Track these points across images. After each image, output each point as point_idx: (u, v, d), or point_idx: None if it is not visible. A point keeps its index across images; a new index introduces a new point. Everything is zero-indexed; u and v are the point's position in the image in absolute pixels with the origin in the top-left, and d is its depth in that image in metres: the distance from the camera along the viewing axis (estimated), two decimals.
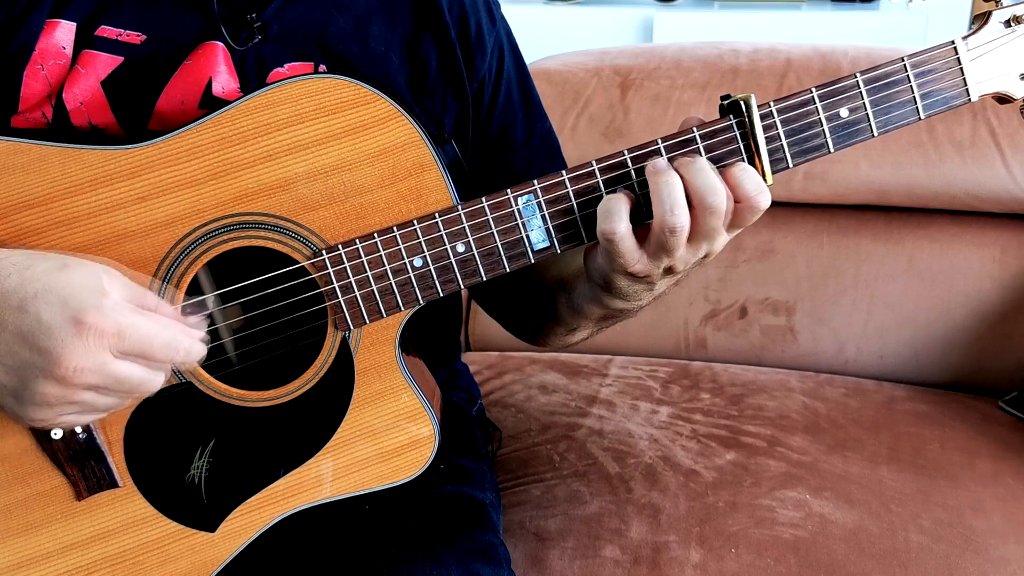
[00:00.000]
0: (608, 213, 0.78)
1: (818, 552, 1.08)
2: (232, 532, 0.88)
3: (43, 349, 0.71)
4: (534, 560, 1.10)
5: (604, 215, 0.78)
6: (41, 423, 0.77)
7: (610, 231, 0.78)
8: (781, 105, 0.81)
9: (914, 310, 1.52)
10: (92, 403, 0.76)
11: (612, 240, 0.78)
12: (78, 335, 0.71)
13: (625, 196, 0.79)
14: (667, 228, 0.77)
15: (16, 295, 0.72)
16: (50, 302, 0.71)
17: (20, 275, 0.72)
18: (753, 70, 1.60)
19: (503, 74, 1.02)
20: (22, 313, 0.71)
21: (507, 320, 1.13)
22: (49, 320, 0.71)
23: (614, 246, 0.79)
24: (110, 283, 0.74)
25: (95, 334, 0.71)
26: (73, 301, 0.71)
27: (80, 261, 0.75)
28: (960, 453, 1.27)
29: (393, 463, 0.89)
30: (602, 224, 0.78)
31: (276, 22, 0.93)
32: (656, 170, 0.79)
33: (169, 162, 0.81)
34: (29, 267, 0.73)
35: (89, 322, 0.71)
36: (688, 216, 0.77)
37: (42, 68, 0.89)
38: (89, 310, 0.71)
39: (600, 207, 0.79)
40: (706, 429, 1.32)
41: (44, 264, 0.73)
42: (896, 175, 1.51)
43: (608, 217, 0.78)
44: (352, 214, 0.83)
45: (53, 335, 0.71)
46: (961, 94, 0.84)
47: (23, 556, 0.84)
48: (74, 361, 0.71)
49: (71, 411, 0.76)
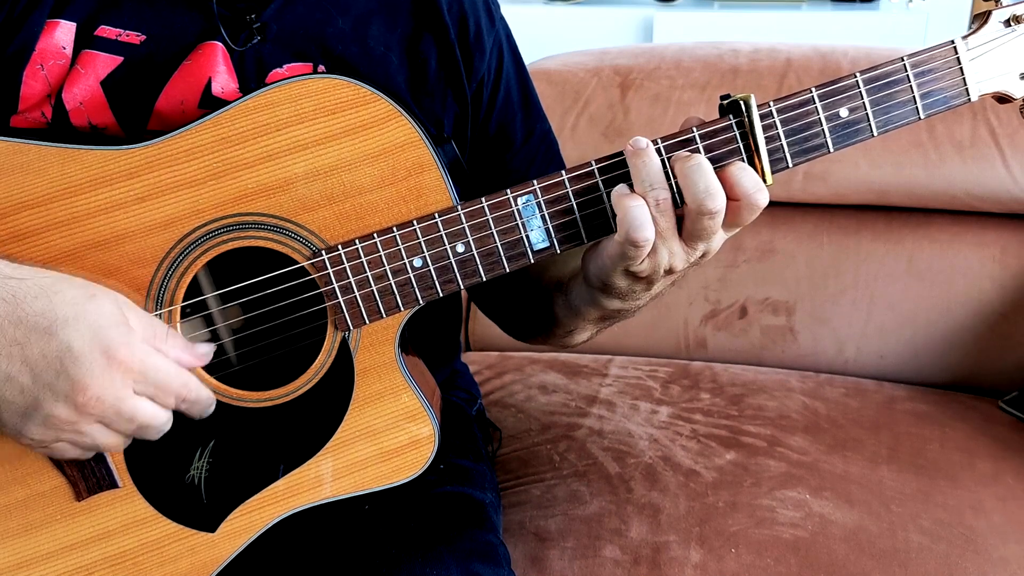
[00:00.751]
0: (639, 221, 0.78)
1: (818, 552, 1.08)
2: (232, 532, 0.88)
3: (69, 374, 0.73)
4: (534, 560, 1.10)
5: (636, 225, 0.78)
6: (36, 443, 0.78)
7: (644, 239, 0.78)
8: (781, 105, 0.81)
9: (914, 310, 1.52)
10: (92, 436, 0.77)
11: (642, 247, 0.79)
12: (107, 367, 0.74)
13: (643, 198, 0.79)
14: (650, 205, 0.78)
15: (44, 318, 0.73)
16: (80, 331, 0.73)
17: (49, 299, 0.74)
18: (753, 70, 1.60)
19: (502, 74, 1.02)
20: (49, 337, 0.73)
21: (505, 322, 1.13)
22: (79, 349, 0.73)
23: (640, 251, 0.79)
24: (131, 318, 0.77)
25: (123, 369, 0.75)
26: (104, 334, 0.74)
27: (105, 291, 0.77)
28: (960, 453, 1.26)
29: (393, 463, 0.89)
30: (634, 233, 0.78)
31: (275, 23, 0.93)
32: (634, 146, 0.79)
33: (168, 162, 0.81)
34: (59, 292, 0.75)
35: (120, 357, 0.74)
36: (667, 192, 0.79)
37: (42, 68, 0.89)
38: (120, 346, 0.74)
39: (627, 215, 0.78)
40: (706, 429, 1.32)
41: (73, 292, 0.75)
42: (896, 175, 1.51)
43: (641, 226, 0.78)
44: (352, 214, 0.83)
45: (81, 364, 0.73)
46: (961, 94, 0.84)
47: (23, 556, 0.84)
48: (97, 391, 0.74)
49: (69, 439, 0.77)
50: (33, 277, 0.75)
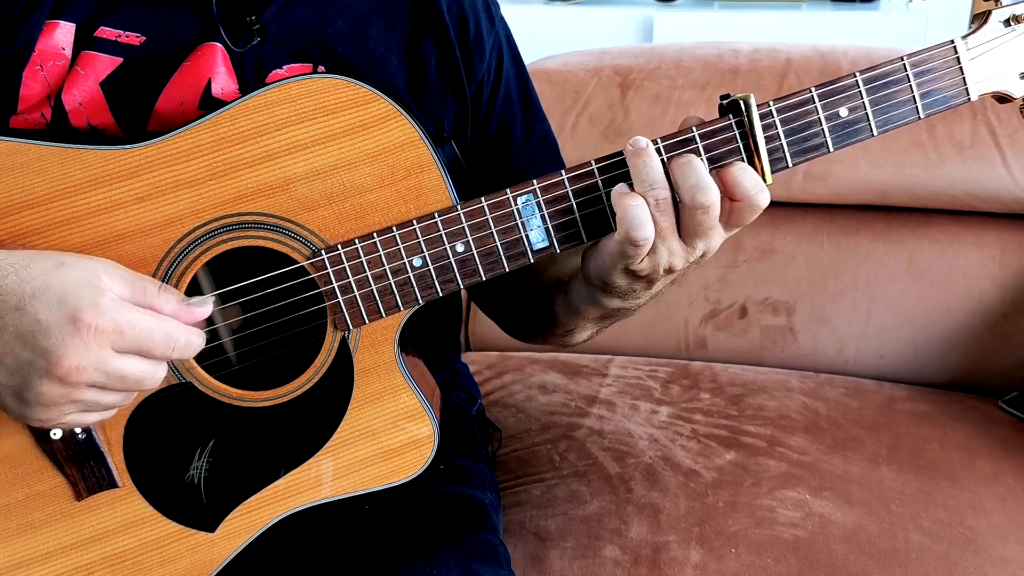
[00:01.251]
0: (639, 221, 0.78)
1: (818, 552, 1.08)
2: (232, 532, 0.88)
3: (42, 349, 0.71)
4: (534, 560, 1.10)
5: (636, 224, 0.78)
6: (45, 423, 0.76)
7: (643, 238, 0.78)
8: (780, 105, 0.81)
9: (914, 310, 1.52)
10: (95, 401, 0.76)
11: (641, 246, 0.79)
12: (76, 333, 0.71)
13: (643, 197, 0.79)
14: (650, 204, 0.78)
15: (14, 295, 0.72)
16: (47, 301, 0.71)
17: (18, 275, 0.73)
18: (753, 70, 1.60)
19: (502, 75, 1.02)
20: (20, 313, 0.71)
21: (505, 321, 1.13)
22: (47, 319, 0.71)
23: (640, 250, 0.79)
24: (108, 279, 0.74)
25: (93, 332, 0.71)
26: (70, 300, 0.71)
27: (78, 258, 0.75)
28: (960, 453, 1.26)
29: (393, 463, 0.89)
30: (634, 232, 0.78)
31: (275, 24, 0.93)
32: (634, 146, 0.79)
33: (168, 162, 0.81)
34: (27, 267, 0.73)
35: (87, 320, 0.71)
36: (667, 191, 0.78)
37: (41, 69, 0.89)
38: (86, 308, 0.71)
39: (626, 214, 0.78)
40: (706, 429, 1.32)
41: (41, 263, 0.74)
42: (896, 175, 1.51)
43: (641, 225, 0.78)
44: (351, 214, 0.83)
45: (51, 334, 0.71)
46: (960, 93, 0.84)
47: (23, 556, 0.84)
48: (74, 360, 0.71)
49: (74, 410, 0.76)
50: (7, 258, 0.74)
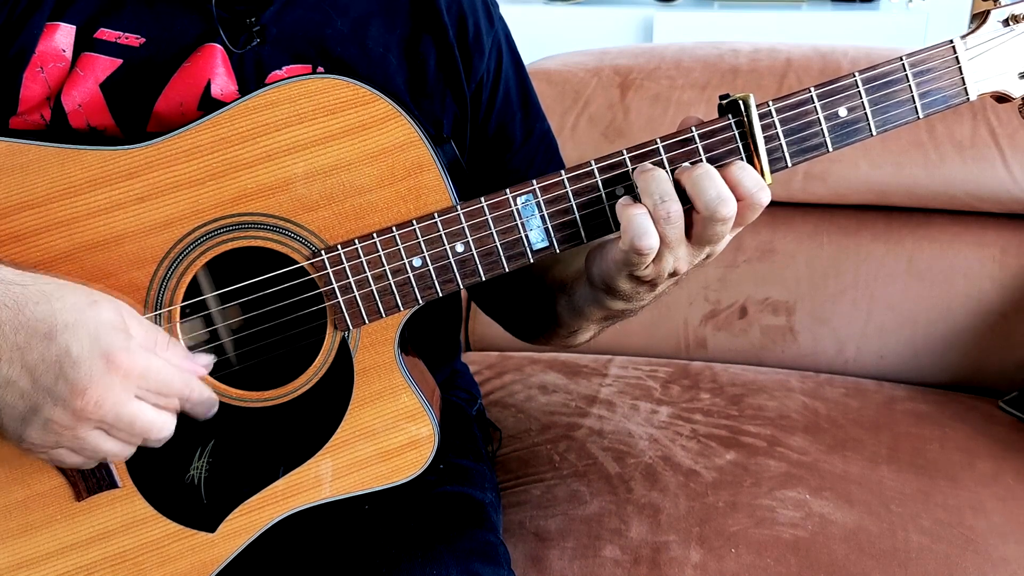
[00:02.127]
0: (644, 231, 0.77)
1: (818, 552, 1.08)
2: (232, 532, 0.88)
3: (69, 379, 0.73)
4: (534, 560, 1.10)
5: (640, 233, 0.77)
6: (34, 448, 0.77)
7: (648, 247, 0.78)
8: (780, 104, 0.81)
9: (914, 310, 1.52)
10: (92, 445, 0.77)
11: (646, 255, 0.78)
12: (107, 372, 0.73)
13: (645, 207, 0.78)
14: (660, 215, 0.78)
15: (45, 323, 0.73)
16: (79, 336, 0.73)
17: (50, 304, 0.74)
18: (753, 70, 1.60)
19: (501, 74, 1.02)
20: (49, 342, 0.73)
21: (507, 322, 1.13)
22: (79, 353, 0.73)
23: (645, 259, 0.79)
24: (133, 324, 0.77)
25: (123, 373, 0.74)
26: (103, 339, 0.74)
27: (106, 298, 0.77)
28: (960, 453, 1.26)
29: (393, 463, 0.89)
30: (639, 241, 0.77)
31: (275, 25, 0.93)
32: (641, 169, 0.79)
33: (168, 163, 0.81)
34: (60, 298, 0.75)
35: (119, 361, 0.74)
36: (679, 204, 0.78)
37: (42, 71, 0.89)
38: (120, 350, 0.74)
39: (630, 224, 0.78)
40: (706, 429, 1.32)
41: (74, 298, 0.75)
42: (896, 175, 1.51)
43: (645, 234, 0.77)
44: (351, 214, 0.83)
45: (81, 367, 0.73)
46: (960, 93, 0.84)
47: (23, 557, 0.84)
48: (97, 395, 0.73)
49: (69, 444, 0.77)
50: (35, 283, 0.76)
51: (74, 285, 0.78)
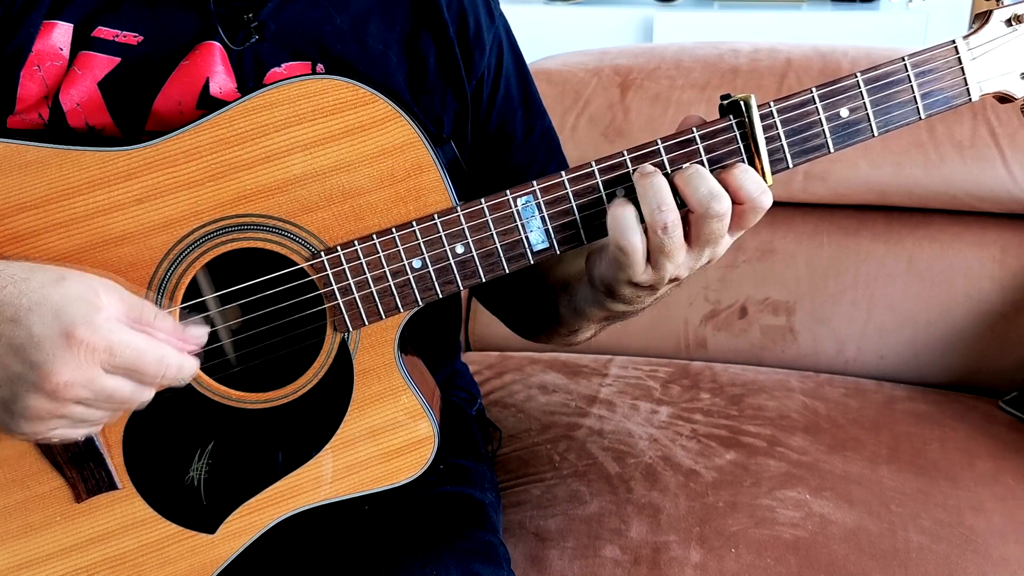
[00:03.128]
0: (623, 227, 0.77)
1: (818, 552, 1.08)
2: (232, 533, 0.88)
3: (33, 363, 0.71)
4: (534, 560, 1.10)
5: (620, 228, 0.77)
6: (31, 437, 0.76)
7: (627, 244, 0.77)
8: (781, 105, 0.81)
9: (914, 310, 1.52)
10: (82, 416, 0.75)
11: (628, 252, 0.78)
12: (68, 349, 0.70)
13: (633, 206, 0.78)
14: (658, 226, 0.77)
15: (11, 307, 0.71)
16: (43, 315, 0.71)
17: (16, 287, 0.72)
18: (753, 70, 1.60)
19: (502, 71, 1.02)
20: (15, 325, 0.71)
21: (509, 319, 1.13)
22: (40, 333, 0.70)
23: (628, 258, 0.78)
24: (107, 297, 0.73)
25: (85, 349, 0.71)
26: (65, 315, 0.71)
27: (79, 274, 0.75)
28: (960, 453, 1.26)
29: (393, 464, 0.89)
30: (619, 238, 0.77)
31: (273, 22, 0.93)
32: (640, 172, 0.79)
33: (167, 164, 0.81)
34: (26, 279, 0.73)
35: (80, 336, 0.70)
36: (676, 212, 0.77)
37: (39, 69, 0.89)
38: (80, 324, 0.71)
39: (613, 220, 0.78)
40: (706, 429, 1.32)
41: (41, 276, 0.73)
42: (896, 175, 1.51)
43: (624, 231, 0.77)
44: (351, 215, 0.83)
45: (43, 348, 0.70)
46: (962, 93, 0.84)
47: (23, 558, 0.84)
48: (64, 376, 0.70)
49: (62, 425, 0.75)
50: (6, 268, 0.74)
51: (45, 266, 0.75)
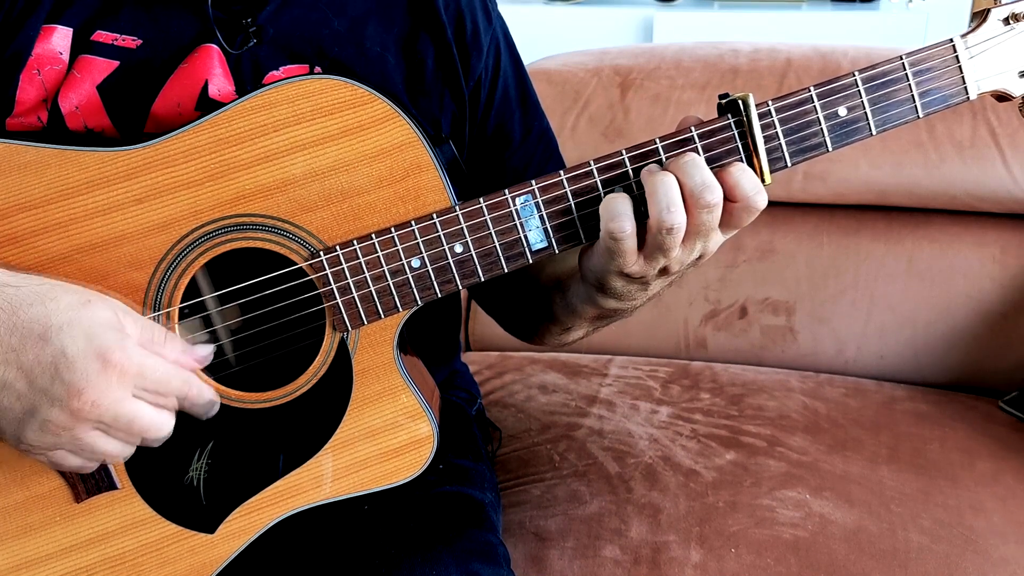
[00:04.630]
0: (615, 213, 0.78)
1: (818, 552, 1.08)
2: (231, 533, 0.88)
3: (65, 380, 0.72)
4: (534, 560, 1.10)
5: (611, 215, 0.78)
6: (35, 450, 0.77)
7: (619, 230, 0.78)
8: (779, 104, 0.81)
9: (914, 310, 1.52)
10: (91, 444, 0.76)
11: (619, 239, 0.78)
12: (103, 372, 0.73)
13: (627, 195, 0.79)
14: (664, 227, 0.77)
15: (40, 324, 0.73)
16: (74, 336, 0.73)
17: (44, 305, 0.74)
18: (753, 70, 1.60)
19: (500, 72, 1.02)
20: (44, 343, 0.73)
21: (503, 318, 1.13)
22: (74, 354, 0.73)
23: (619, 245, 0.79)
24: (128, 322, 0.76)
25: (119, 372, 0.74)
26: (98, 339, 0.73)
27: (101, 297, 0.77)
28: (960, 453, 1.26)
29: (392, 463, 0.89)
30: (609, 224, 0.78)
31: (271, 25, 0.93)
32: (650, 171, 0.79)
33: (166, 164, 0.81)
34: (54, 299, 0.74)
35: (115, 360, 0.73)
36: (684, 215, 0.78)
37: (38, 73, 0.89)
38: (115, 350, 0.74)
39: (605, 207, 0.79)
40: (706, 429, 1.32)
41: (68, 298, 0.75)
42: (896, 175, 1.51)
43: (616, 217, 0.78)
44: (350, 215, 0.83)
45: (76, 368, 0.72)
46: (960, 92, 0.84)
47: (22, 558, 0.84)
48: (93, 394, 0.73)
49: (68, 445, 0.76)
50: (29, 284, 0.75)
51: (68, 285, 0.78)
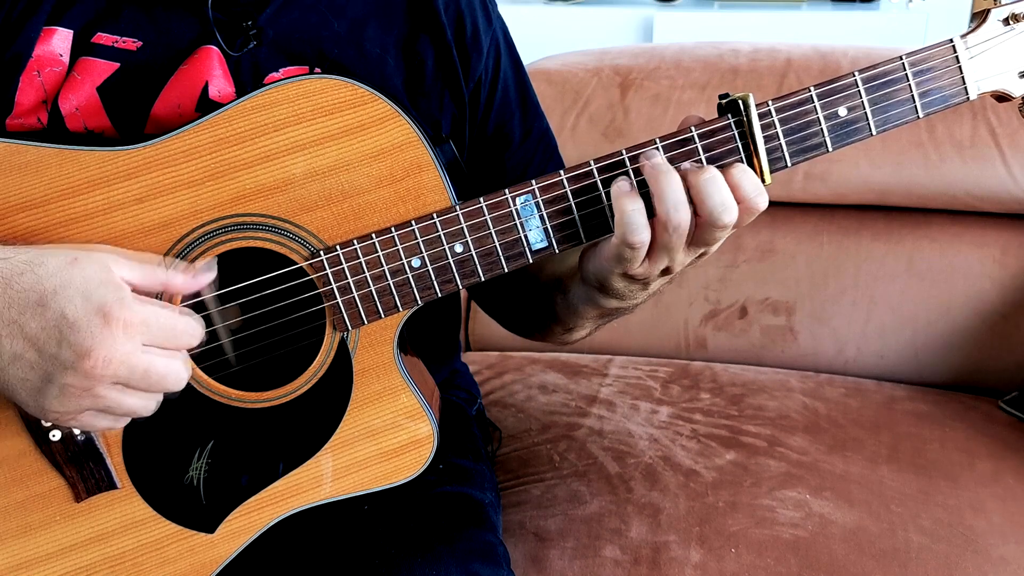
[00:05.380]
0: (637, 225, 0.78)
1: (818, 552, 1.08)
2: (231, 533, 0.88)
3: (71, 343, 0.72)
4: (534, 560, 1.10)
5: (632, 228, 0.78)
6: (61, 416, 0.76)
7: (639, 242, 0.78)
8: (779, 104, 0.81)
9: (914, 310, 1.52)
10: (115, 401, 0.75)
11: (637, 248, 0.79)
12: (106, 327, 0.72)
13: (643, 203, 0.78)
14: (671, 225, 0.77)
15: (34, 292, 0.73)
16: (70, 297, 0.72)
17: (34, 272, 0.73)
18: (753, 70, 1.60)
19: (500, 73, 1.02)
20: (44, 309, 0.72)
21: (504, 318, 1.13)
22: (74, 314, 0.72)
23: (636, 253, 0.79)
24: (119, 271, 0.75)
25: (123, 326, 0.73)
26: (94, 295, 0.73)
27: (86, 254, 0.76)
28: (960, 453, 1.26)
29: (392, 463, 0.89)
30: (630, 237, 0.78)
31: (271, 27, 0.93)
32: (657, 170, 0.79)
33: (167, 163, 0.81)
34: (41, 263, 0.74)
35: (115, 314, 0.72)
36: (689, 212, 0.78)
37: (38, 75, 0.89)
38: (113, 303, 0.73)
39: (623, 218, 0.78)
40: (706, 429, 1.32)
41: (55, 260, 0.74)
42: (896, 175, 1.51)
43: (637, 230, 0.78)
44: (350, 215, 0.83)
45: (80, 329, 0.72)
46: (960, 92, 0.84)
47: (22, 558, 0.84)
48: (102, 351, 0.72)
49: (91, 406, 0.75)
50: (15, 255, 0.75)
51: (54, 249, 0.77)
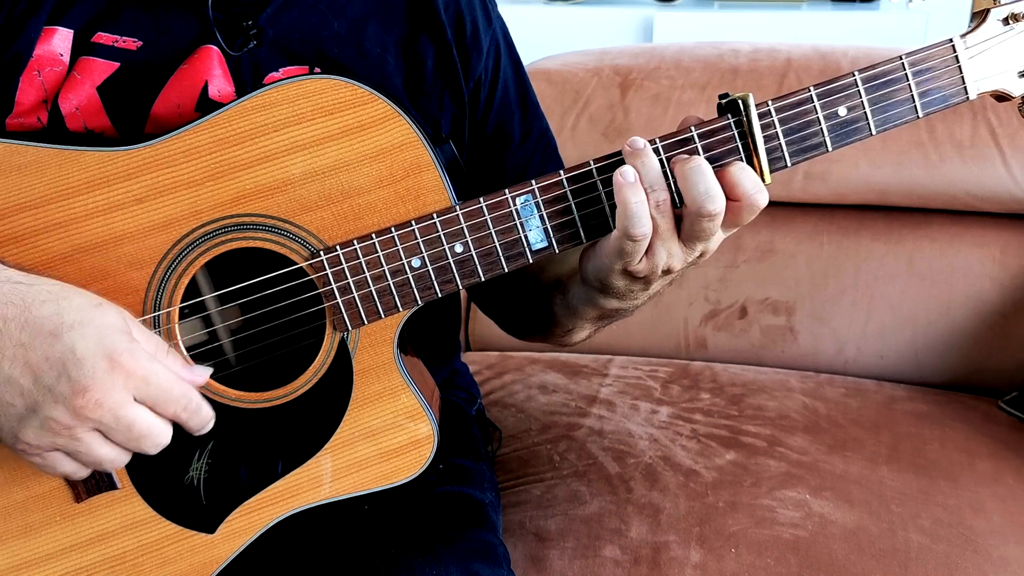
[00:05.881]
0: (638, 217, 0.78)
1: (818, 552, 1.08)
2: (231, 533, 0.88)
3: (71, 377, 0.72)
4: (534, 560, 1.10)
5: (634, 219, 0.78)
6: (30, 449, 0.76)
7: (641, 235, 0.78)
8: (779, 104, 0.81)
9: (914, 310, 1.52)
10: (88, 446, 0.75)
11: (639, 241, 0.79)
12: (110, 372, 0.73)
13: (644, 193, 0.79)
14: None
15: (51, 321, 0.73)
16: (85, 335, 0.73)
17: (57, 304, 0.74)
18: (753, 70, 1.60)
19: (499, 73, 1.02)
20: (55, 340, 0.73)
21: (504, 320, 1.13)
22: (83, 352, 0.73)
23: (637, 246, 0.79)
24: (135, 329, 0.76)
25: (125, 374, 0.74)
26: (108, 340, 0.74)
27: (110, 303, 0.77)
28: (960, 453, 1.26)
29: (392, 463, 0.89)
30: (632, 228, 0.78)
31: (271, 27, 0.93)
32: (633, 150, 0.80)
33: (166, 163, 0.81)
34: (67, 298, 0.75)
35: (123, 363, 0.73)
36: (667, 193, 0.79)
37: (39, 75, 0.89)
38: (124, 352, 0.74)
39: (626, 209, 0.78)
40: (706, 429, 1.32)
41: (80, 299, 0.75)
42: (896, 175, 1.51)
43: (639, 221, 0.78)
44: (350, 215, 0.83)
45: (84, 366, 0.72)
46: (959, 92, 0.84)
47: (22, 558, 0.84)
48: (98, 394, 0.73)
49: (64, 446, 0.75)
50: (41, 283, 0.76)
51: (79, 289, 0.78)
